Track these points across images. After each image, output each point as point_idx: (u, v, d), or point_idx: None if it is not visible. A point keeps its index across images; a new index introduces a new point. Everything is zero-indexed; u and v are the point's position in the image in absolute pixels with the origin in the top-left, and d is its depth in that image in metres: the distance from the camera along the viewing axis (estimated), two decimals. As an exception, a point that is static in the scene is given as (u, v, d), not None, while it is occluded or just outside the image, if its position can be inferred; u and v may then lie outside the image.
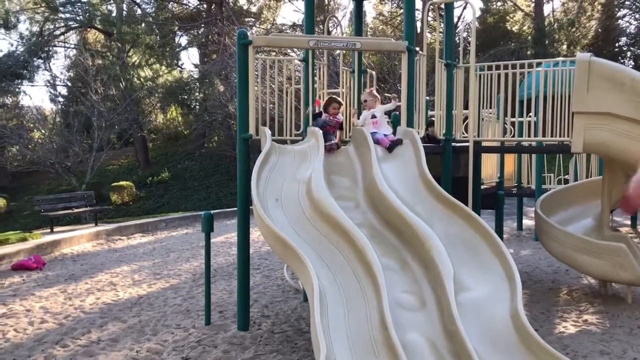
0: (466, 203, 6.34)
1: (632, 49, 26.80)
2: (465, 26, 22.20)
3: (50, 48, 28.91)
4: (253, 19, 30.01)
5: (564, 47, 26.04)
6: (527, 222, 12.14)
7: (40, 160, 21.17)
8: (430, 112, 7.33)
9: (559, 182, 12.46)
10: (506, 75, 6.56)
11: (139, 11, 29.67)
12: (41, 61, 27.98)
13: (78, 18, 28.31)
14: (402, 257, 4.00)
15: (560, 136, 6.32)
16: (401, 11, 26.16)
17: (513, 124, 8.73)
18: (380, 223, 4.29)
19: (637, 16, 26.69)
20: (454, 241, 4.03)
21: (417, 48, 5.62)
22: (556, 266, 8.04)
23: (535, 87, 7.59)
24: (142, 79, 26.46)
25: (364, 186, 4.63)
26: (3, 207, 23.18)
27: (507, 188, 10.56)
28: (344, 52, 8.09)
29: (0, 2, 27.17)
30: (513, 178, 11.38)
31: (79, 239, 11.03)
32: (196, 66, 30.60)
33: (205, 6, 30.03)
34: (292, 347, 4.84)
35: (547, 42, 25.63)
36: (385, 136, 5.08)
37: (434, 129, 6.61)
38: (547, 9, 29.80)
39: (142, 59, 27.93)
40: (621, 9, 26.96)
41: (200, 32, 29.62)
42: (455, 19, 21.74)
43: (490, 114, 7.61)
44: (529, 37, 27.06)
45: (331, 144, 5.03)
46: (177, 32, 30.27)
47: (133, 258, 9.57)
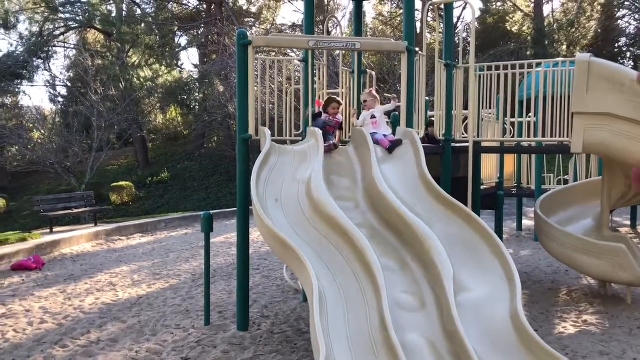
0: (466, 203, 6.35)
1: (632, 50, 26.82)
2: (465, 26, 22.20)
3: (49, 48, 28.93)
4: (253, 19, 30.01)
5: (564, 48, 26.05)
6: (527, 223, 12.14)
7: (39, 160, 21.18)
8: (429, 113, 7.33)
9: (559, 183, 12.45)
10: (506, 75, 6.56)
11: (139, 11, 29.69)
12: (41, 61, 28.02)
13: (78, 18, 28.33)
14: (402, 258, 4.00)
15: (559, 136, 6.32)
16: (401, 11, 26.16)
17: (513, 125, 8.74)
18: (379, 223, 4.29)
19: (637, 17, 26.72)
20: (454, 242, 4.03)
21: (417, 48, 5.63)
22: (556, 266, 8.04)
23: (534, 88, 7.60)
24: (142, 79, 26.48)
25: (364, 186, 4.63)
26: (2, 208, 23.18)
27: (507, 188, 10.56)
28: (344, 53, 8.09)
29: (0, 2, 27.19)
30: (513, 178, 11.39)
31: (79, 239, 11.03)
32: (196, 66, 30.61)
33: (205, 6, 30.03)
34: (292, 348, 4.84)
35: (547, 43, 25.65)
36: (384, 137, 5.08)
37: (434, 130, 6.60)
38: (547, 10, 29.88)
39: (142, 59, 27.94)
40: (621, 10, 26.98)
41: (200, 33, 29.63)
42: (454, 20, 21.76)
43: (490, 115, 7.61)
44: (529, 38, 27.07)
45: (329, 144, 5.03)
46: (177, 33, 30.28)
47: (133, 258, 9.56)
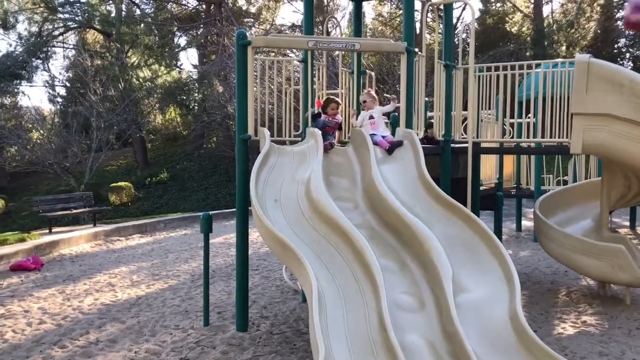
0: (465, 204, 6.34)
1: (631, 51, 26.84)
2: (464, 27, 22.20)
3: (49, 48, 28.93)
4: (252, 20, 30.01)
5: (563, 49, 26.07)
6: (526, 223, 12.14)
7: (38, 160, 21.18)
8: (429, 114, 7.33)
9: (558, 183, 12.47)
10: (505, 76, 6.56)
11: (138, 12, 29.68)
12: (40, 61, 28.03)
13: (77, 18, 28.31)
14: (401, 258, 3.99)
15: (559, 137, 6.32)
16: (400, 12, 26.16)
17: (512, 125, 8.74)
18: (379, 224, 4.28)
19: (636, 17, 26.70)
20: (453, 242, 4.03)
21: (416, 49, 5.62)
22: (555, 267, 8.04)
23: (534, 88, 7.61)
24: (141, 80, 26.48)
25: (363, 187, 4.62)
26: (1, 208, 23.17)
27: (506, 189, 10.56)
28: (343, 53, 8.08)
29: (-1, 2, 27.22)
30: (512, 179, 11.39)
31: (78, 240, 11.02)
32: (195, 67, 30.60)
33: (204, 7, 30.03)
34: (291, 348, 4.84)
35: (546, 43, 25.67)
36: (383, 137, 5.08)
37: (433, 131, 6.60)
38: (547, 10, 29.91)
39: (141, 60, 27.95)
40: (620, 10, 26.98)
41: (199, 33, 29.62)
42: (454, 20, 21.72)
43: (489, 115, 7.62)
44: (528, 38, 27.09)
45: (325, 143, 5.00)
46: (176, 33, 30.27)
47: (132, 259, 9.55)
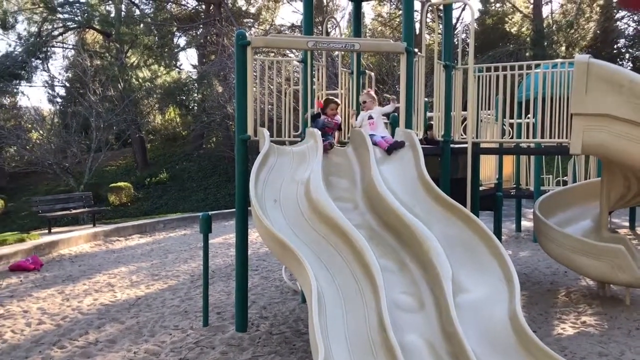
0: (465, 204, 6.34)
1: (631, 51, 26.85)
2: (464, 27, 22.24)
3: (48, 49, 28.91)
4: (252, 20, 30.01)
5: (563, 49, 26.08)
6: (526, 224, 12.14)
7: (38, 160, 21.17)
8: (428, 114, 7.33)
9: (558, 184, 12.47)
10: (505, 76, 6.56)
11: (138, 12, 29.67)
12: (39, 62, 27.99)
13: (76, 18, 28.30)
14: (401, 259, 3.99)
15: (558, 138, 6.32)
16: (400, 12, 26.16)
17: (512, 126, 8.74)
18: (378, 224, 4.28)
19: (636, 18, 26.73)
20: (453, 243, 4.03)
21: (416, 49, 5.62)
22: (555, 268, 8.04)
23: (533, 89, 7.62)
24: (141, 80, 26.48)
25: (363, 187, 4.62)
26: (1, 208, 23.16)
27: (506, 189, 10.56)
28: (343, 53, 8.08)
29: (-2, 3, 27.21)
30: (512, 179, 11.40)
31: (77, 240, 11.01)
32: (195, 67, 30.59)
33: (203, 7, 30.02)
34: (290, 349, 4.84)
35: (546, 44, 25.67)
36: (382, 138, 5.07)
37: (433, 133, 6.60)
38: (546, 11, 29.96)
39: (141, 60, 27.94)
40: (619, 11, 27.00)
41: (198, 33, 29.61)
42: (454, 21, 21.73)
43: (488, 116, 7.62)
44: (528, 39, 27.10)
45: (325, 143, 5.00)
46: (176, 33, 30.25)
47: (131, 259, 9.55)
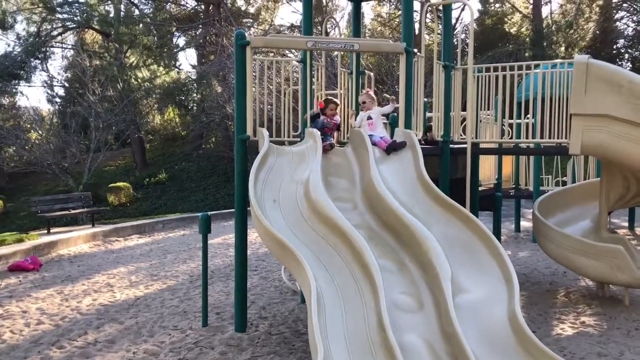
0: (464, 205, 6.34)
1: (630, 51, 26.87)
2: (463, 28, 22.24)
3: (47, 49, 28.88)
4: (251, 20, 30.00)
5: (562, 49, 26.08)
6: (525, 224, 12.14)
7: (37, 161, 21.16)
8: (428, 114, 7.33)
9: (557, 184, 12.47)
10: (504, 77, 6.56)
11: (137, 12, 29.66)
12: (38, 62, 27.98)
13: (75, 19, 28.27)
14: (400, 259, 3.99)
15: (558, 138, 6.32)
16: (399, 13, 26.15)
17: (511, 126, 8.74)
18: (378, 224, 4.28)
19: (635, 18, 26.78)
20: (452, 243, 4.03)
21: (415, 49, 5.62)
22: (554, 268, 8.04)
23: (533, 89, 7.62)
24: (140, 80, 26.46)
25: (362, 188, 4.62)
26: (0, 208, 23.13)
27: (505, 190, 10.56)
28: (342, 54, 8.08)
29: (-3, 3, 27.19)
30: (511, 180, 11.40)
31: (76, 240, 11.00)
32: (194, 67, 30.60)
33: (203, 7, 30.02)
34: (290, 349, 4.84)
35: (545, 44, 25.67)
36: (381, 138, 5.08)
37: (432, 134, 6.60)
38: (545, 11, 29.92)
39: (140, 60, 27.93)
40: (619, 11, 27.03)
41: (198, 33, 29.60)
42: (453, 21, 21.71)
43: (488, 116, 7.62)
44: (527, 39, 27.10)
45: (325, 144, 5.01)
46: (175, 33, 30.24)
47: (130, 259, 9.54)
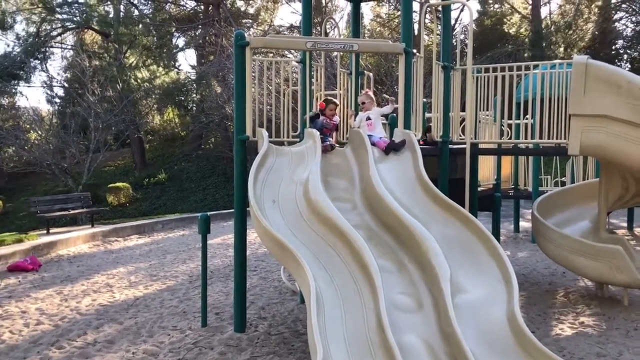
0: (463, 205, 6.34)
1: (629, 52, 26.90)
2: (462, 28, 22.24)
3: (47, 49, 28.87)
4: (250, 21, 30.01)
5: (561, 50, 26.11)
6: (524, 224, 12.15)
7: (36, 161, 21.16)
8: (427, 115, 7.33)
9: (556, 184, 12.47)
10: (503, 77, 6.57)
11: (136, 12, 29.67)
12: (38, 62, 27.99)
13: (75, 19, 28.27)
14: (399, 259, 3.99)
15: (557, 138, 6.33)
16: (398, 13, 26.16)
17: (510, 126, 8.75)
18: (377, 225, 4.28)
19: (634, 19, 26.81)
20: (451, 243, 4.03)
21: (415, 50, 5.62)
22: (553, 268, 8.05)
23: (532, 90, 7.62)
24: (139, 80, 26.46)
25: (361, 188, 4.62)
26: (-1, 209, 23.14)
27: (504, 190, 10.57)
28: (342, 54, 8.09)
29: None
30: (510, 180, 11.41)
31: (75, 240, 11.00)
32: (193, 67, 30.62)
33: (202, 7, 30.02)
34: (289, 349, 4.84)
35: (544, 45, 25.69)
36: (380, 139, 5.08)
37: (431, 134, 6.60)
38: (545, 12, 29.91)
39: (139, 60, 27.92)
40: (618, 12, 27.05)
41: (197, 34, 29.61)
42: (452, 21, 21.75)
43: (487, 116, 7.63)
44: (526, 40, 27.12)
45: (326, 145, 5.02)
46: (175, 34, 30.24)
47: (129, 259, 9.54)
